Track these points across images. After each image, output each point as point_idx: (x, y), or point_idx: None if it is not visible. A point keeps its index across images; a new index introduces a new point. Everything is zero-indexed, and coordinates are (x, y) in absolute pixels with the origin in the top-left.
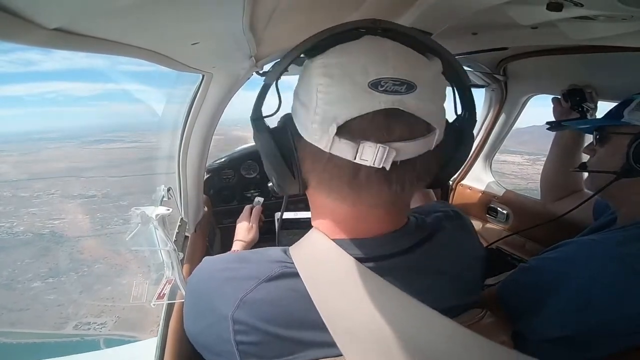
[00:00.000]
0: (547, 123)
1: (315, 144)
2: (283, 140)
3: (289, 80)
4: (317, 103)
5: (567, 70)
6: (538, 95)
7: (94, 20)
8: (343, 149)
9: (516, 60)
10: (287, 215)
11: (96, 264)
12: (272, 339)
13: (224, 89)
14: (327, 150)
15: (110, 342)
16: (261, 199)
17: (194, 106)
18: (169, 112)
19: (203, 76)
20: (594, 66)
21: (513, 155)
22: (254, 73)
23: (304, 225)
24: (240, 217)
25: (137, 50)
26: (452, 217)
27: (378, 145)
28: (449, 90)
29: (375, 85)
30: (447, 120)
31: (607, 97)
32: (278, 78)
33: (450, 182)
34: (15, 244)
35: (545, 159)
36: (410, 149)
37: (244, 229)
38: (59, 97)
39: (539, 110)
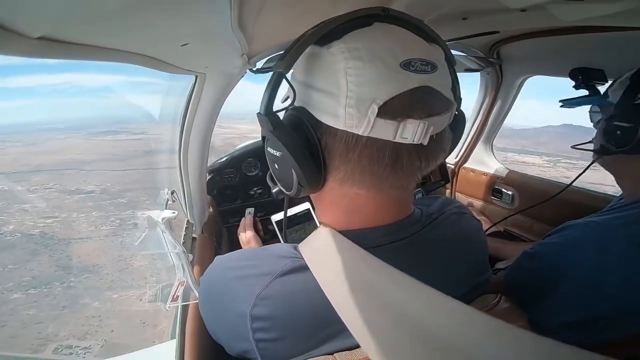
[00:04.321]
0: (561, 101)
1: (351, 130)
2: (305, 134)
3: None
4: (349, 87)
5: (560, 51)
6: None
7: (79, 27)
8: (384, 130)
9: (508, 43)
10: (282, 215)
11: (85, 273)
12: (291, 334)
13: (218, 89)
14: (365, 134)
15: None
16: (252, 209)
17: (189, 108)
18: (171, 103)
19: (196, 77)
20: (588, 47)
21: (532, 157)
22: (248, 70)
23: (303, 219)
24: (239, 229)
25: (126, 54)
26: (451, 201)
27: (419, 121)
28: None
29: (407, 65)
30: None
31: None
32: (290, 68)
33: (453, 166)
34: (0, 246)
35: (564, 160)
36: (442, 122)
37: (245, 242)
38: (70, 89)
39: (555, 109)
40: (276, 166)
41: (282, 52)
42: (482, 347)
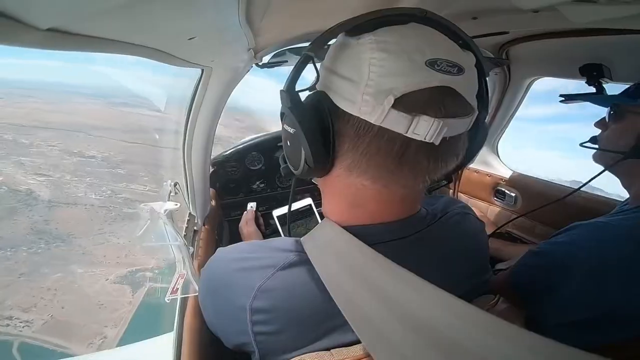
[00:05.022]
0: (561, 95)
1: (364, 117)
2: (320, 116)
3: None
4: (370, 76)
5: (570, 53)
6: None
7: (88, 19)
8: (396, 122)
9: (518, 44)
10: (285, 209)
11: (56, 242)
12: (290, 327)
13: (224, 83)
14: (377, 123)
15: (26, 350)
16: (254, 203)
17: (195, 101)
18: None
19: (202, 70)
20: (598, 49)
21: None
22: (254, 65)
23: (305, 215)
24: (240, 223)
25: (134, 47)
26: (454, 200)
27: (433, 119)
28: None
29: (432, 63)
30: None
31: (616, 79)
32: (318, 51)
33: None
34: None
35: None
36: (459, 126)
37: (246, 236)
38: (100, 58)
39: (564, 162)
40: (288, 143)
41: (288, 47)
42: (482, 344)
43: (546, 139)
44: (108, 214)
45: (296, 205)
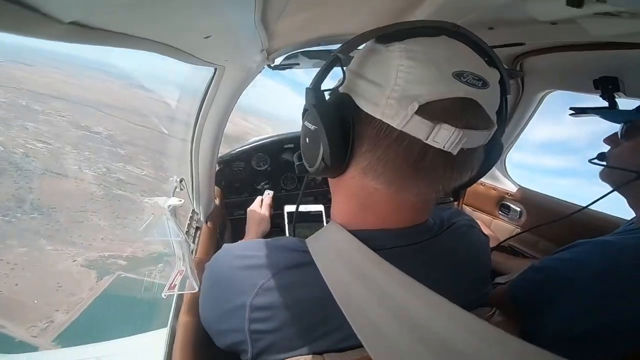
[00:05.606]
0: (571, 108)
1: (387, 120)
2: (343, 115)
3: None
4: (397, 81)
5: (587, 67)
6: None
7: (109, 13)
8: (418, 128)
9: (534, 56)
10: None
11: (35, 213)
12: (288, 326)
13: (236, 83)
14: (399, 127)
15: None
16: (271, 191)
17: (206, 99)
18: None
19: (215, 69)
20: (616, 62)
21: None
22: (266, 66)
23: (313, 219)
24: (251, 206)
25: (151, 43)
26: (460, 212)
27: (454, 128)
28: None
29: (458, 75)
30: None
31: (629, 95)
32: (348, 53)
33: None
34: None
35: None
36: (477, 138)
37: (256, 220)
38: None
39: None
40: (307, 140)
41: (299, 50)
42: (476, 349)
43: (552, 192)
44: (96, 192)
45: (308, 207)
